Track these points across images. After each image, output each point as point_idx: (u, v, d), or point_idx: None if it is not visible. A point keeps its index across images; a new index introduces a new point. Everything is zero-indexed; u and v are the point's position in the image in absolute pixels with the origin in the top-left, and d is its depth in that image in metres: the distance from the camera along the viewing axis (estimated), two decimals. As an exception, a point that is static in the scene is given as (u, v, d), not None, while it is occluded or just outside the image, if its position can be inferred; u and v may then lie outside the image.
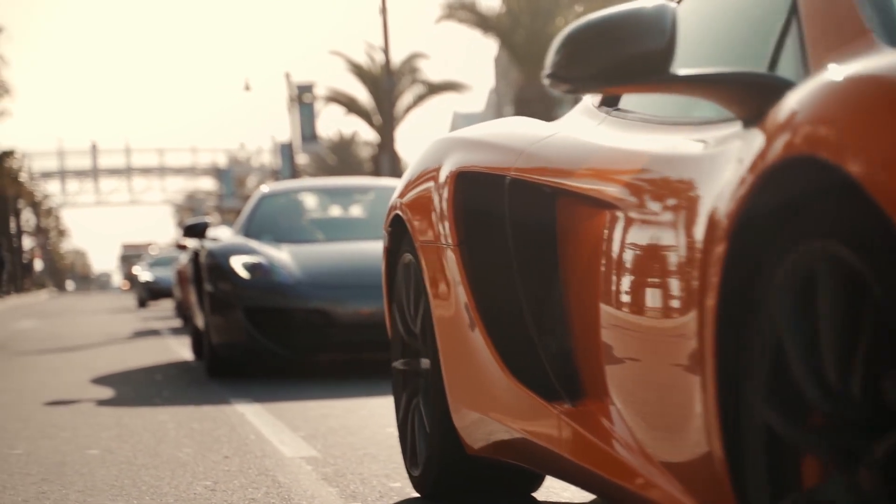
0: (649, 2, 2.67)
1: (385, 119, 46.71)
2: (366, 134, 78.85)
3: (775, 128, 2.19)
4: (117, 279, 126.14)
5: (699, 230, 2.52)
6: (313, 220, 12.03)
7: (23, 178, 71.10)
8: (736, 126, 2.66)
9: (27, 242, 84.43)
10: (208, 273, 10.35)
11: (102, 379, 10.66)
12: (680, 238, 2.64)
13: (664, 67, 2.63)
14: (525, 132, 3.81)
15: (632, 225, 2.95)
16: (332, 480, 4.97)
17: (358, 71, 53.50)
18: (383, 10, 38.56)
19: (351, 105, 53.63)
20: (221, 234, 11.33)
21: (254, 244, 10.65)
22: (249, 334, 9.91)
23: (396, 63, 50.95)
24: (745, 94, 2.60)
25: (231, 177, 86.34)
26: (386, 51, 39.06)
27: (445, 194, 3.94)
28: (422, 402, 4.29)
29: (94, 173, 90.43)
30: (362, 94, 53.56)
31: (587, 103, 3.84)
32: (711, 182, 2.54)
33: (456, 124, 71.70)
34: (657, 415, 2.82)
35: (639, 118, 3.39)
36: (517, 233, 3.59)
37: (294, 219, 11.92)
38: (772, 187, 2.23)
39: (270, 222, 11.57)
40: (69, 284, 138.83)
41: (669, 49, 2.62)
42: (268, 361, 10.26)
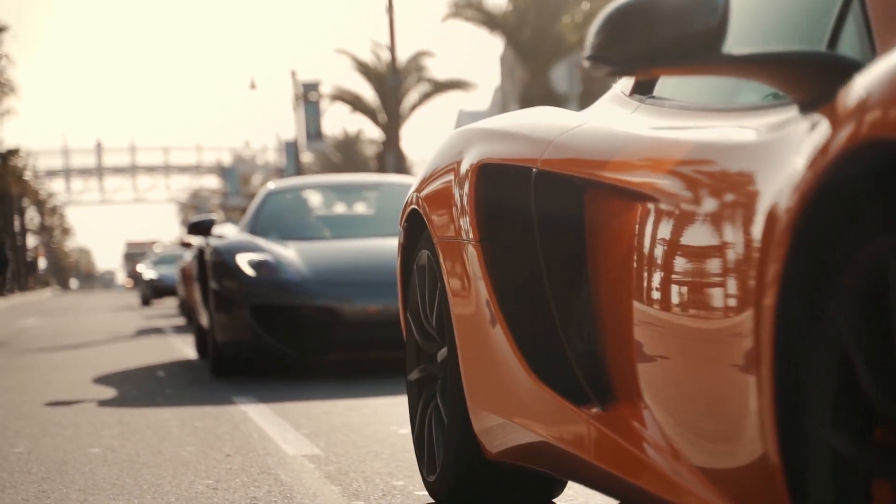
0: None
1: (390, 117, 46.76)
2: (371, 132, 78.87)
3: (843, 113, 2.01)
4: (121, 277, 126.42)
5: (755, 225, 2.31)
6: (320, 218, 11.93)
7: (27, 177, 71.13)
8: (790, 111, 2.45)
9: (31, 240, 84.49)
10: (213, 270, 10.25)
11: (105, 377, 10.61)
12: (733, 233, 2.43)
13: (716, 47, 2.42)
14: (552, 122, 3.59)
15: (675, 219, 2.74)
16: (335, 479, 4.94)
17: (364, 69, 53.53)
18: (389, 9, 38.56)
19: (356, 103, 53.67)
20: (227, 232, 11.24)
21: (260, 241, 10.54)
22: (255, 333, 9.81)
23: (402, 61, 51.00)
24: (806, 76, 2.38)
25: (236, 175, 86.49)
26: (392, 49, 39.06)
27: (467, 188, 3.74)
28: (439, 398, 4.09)
29: (99, 171, 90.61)
30: (368, 93, 53.65)
31: (616, 91, 3.63)
32: (767, 172, 2.33)
33: (461, 122, 71.69)
34: (699, 419, 2.64)
35: (677, 105, 3.16)
36: (544, 227, 3.38)
37: (301, 216, 11.82)
38: (838, 178, 2.03)
39: (277, 219, 11.46)
40: (73, 282, 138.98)
41: (722, 27, 2.42)
42: (274, 360, 10.20)
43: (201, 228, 11.33)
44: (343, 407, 7.52)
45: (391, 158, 42.96)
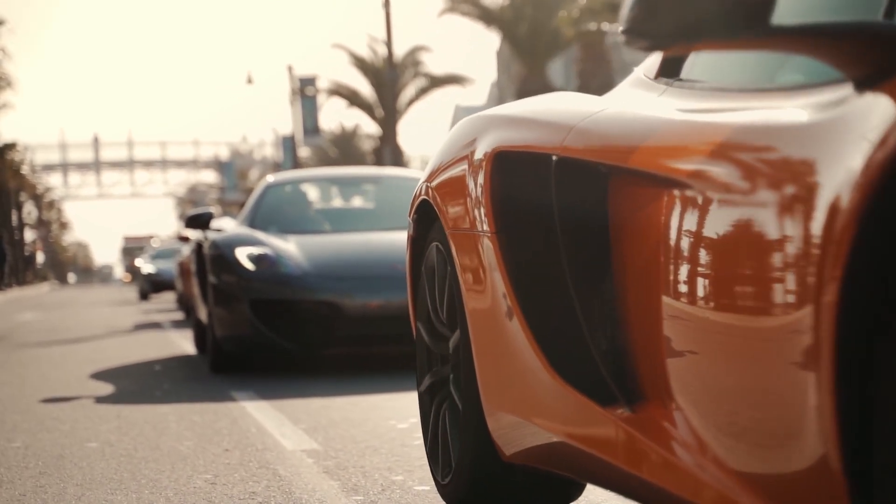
0: None
1: (387, 112, 46.77)
2: (368, 127, 78.90)
3: None
4: (119, 272, 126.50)
5: (812, 215, 2.10)
6: (320, 211, 11.85)
7: (25, 171, 71.16)
8: (844, 89, 2.23)
9: (29, 235, 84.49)
10: (212, 264, 10.16)
11: (103, 372, 10.58)
12: (785, 223, 2.21)
13: (764, 18, 2.18)
14: (573, 107, 3.38)
15: (715, 208, 2.50)
16: (334, 473, 4.92)
17: (360, 64, 53.55)
18: (386, 4, 38.52)
19: (353, 98, 53.70)
20: (226, 225, 11.14)
21: (259, 235, 10.44)
22: (254, 327, 9.73)
23: (399, 56, 51.01)
24: (865, 49, 2.16)
25: (233, 170, 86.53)
26: (388, 44, 39.02)
27: (481, 177, 3.55)
28: (452, 388, 3.89)
29: (97, 166, 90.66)
30: (365, 88, 53.72)
31: (639, 75, 3.44)
32: (823, 157, 2.13)
33: (458, 117, 71.68)
34: (740, 420, 2.45)
35: (711, 87, 2.94)
36: (565, 217, 3.19)
37: (301, 209, 11.73)
38: None
39: (276, 213, 11.35)
40: (71, 277, 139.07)
41: None
42: (273, 355, 10.17)
43: (199, 222, 11.22)
44: (342, 402, 7.50)
45: (388, 153, 42.92)
